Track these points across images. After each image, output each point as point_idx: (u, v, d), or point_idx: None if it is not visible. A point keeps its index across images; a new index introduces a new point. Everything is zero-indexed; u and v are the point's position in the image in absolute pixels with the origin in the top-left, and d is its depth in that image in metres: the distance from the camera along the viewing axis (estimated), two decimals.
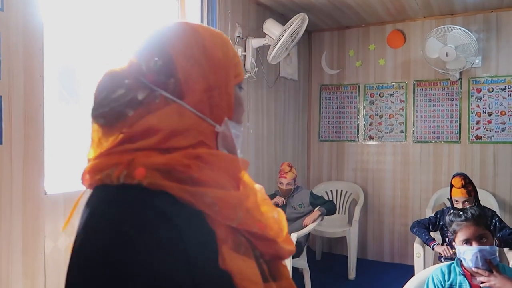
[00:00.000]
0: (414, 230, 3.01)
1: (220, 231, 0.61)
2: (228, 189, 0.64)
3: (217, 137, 0.70)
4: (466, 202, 2.79)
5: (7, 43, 1.87)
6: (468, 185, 2.83)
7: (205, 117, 0.68)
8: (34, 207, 2.00)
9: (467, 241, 1.85)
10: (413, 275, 2.19)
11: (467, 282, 1.77)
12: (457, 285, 1.78)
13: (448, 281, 1.81)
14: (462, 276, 1.80)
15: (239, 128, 0.75)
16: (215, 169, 0.64)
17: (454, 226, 1.92)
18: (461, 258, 1.84)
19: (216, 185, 0.63)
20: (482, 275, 1.74)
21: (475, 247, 1.81)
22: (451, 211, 2.05)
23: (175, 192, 0.60)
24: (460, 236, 1.88)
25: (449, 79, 4.24)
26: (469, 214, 1.88)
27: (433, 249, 2.86)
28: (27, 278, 1.97)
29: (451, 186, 2.90)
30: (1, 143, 1.85)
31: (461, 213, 1.92)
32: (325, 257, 4.65)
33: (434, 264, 3.14)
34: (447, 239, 2.94)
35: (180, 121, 0.65)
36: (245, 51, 3.57)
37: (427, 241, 2.89)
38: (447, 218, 2.01)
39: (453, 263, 1.87)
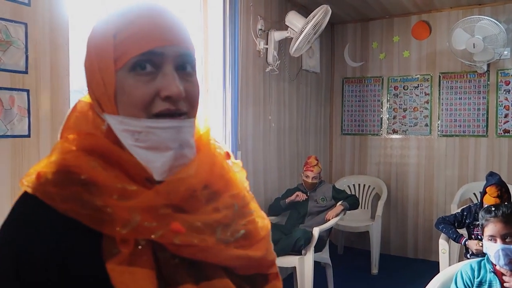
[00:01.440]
0: (441, 227, 2.94)
1: (107, 243, 0.58)
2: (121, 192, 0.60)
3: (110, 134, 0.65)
4: None
5: (34, 37, 1.90)
6: (504, 194, 2.73)
7: (99, 112, 0.66)
8: None
9: (492, 238, 1.86)
10: (438, 271, 2.15)
11: (498, 280, 1.73)
12: (487, 283, 1.75)
13: (477, 278, 1.77)
14: (492, 273, 1.76)
15: (129, 122, 0.63)
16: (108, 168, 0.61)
17: (483, 220, 1.91)
18: (486, 253, 1.83)
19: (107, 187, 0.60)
20: (505, 275, 1.72)
21: (498, 244, 1.81)
22: (486, 206, 2.04)
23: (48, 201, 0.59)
24: (487, 232, 1.89)
25: (476, 71, 4.13)
26: (500, 211, 1.86)
27: (465, 245, 2.79)
28: None
29: (485, 192, 2.81)
30: (29, 136, 1.89)
31: (492, 209, 1.90)
32: (347, 252, 4.62)
33: (459, 260, 3.08)
34: (473, 236, 2.88)
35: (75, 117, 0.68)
36: (267, 44, 3.55)
37: (457, 238, 2.82)
38: (480, 213, 2.00)
39: (484, 259, 1.84)
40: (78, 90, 2.16)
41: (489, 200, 2.72)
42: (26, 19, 1.87)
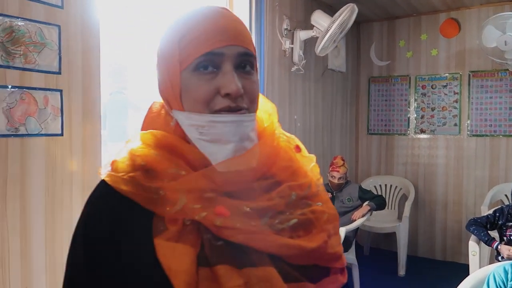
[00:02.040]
0: (472, 229, 2.88)
1: (157, 222, 0.64)
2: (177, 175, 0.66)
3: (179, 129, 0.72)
4: None
5: (66, 39, 1.96)
6: None
7: (169, 110, 0.73)
8: None
9: None
10: (468, 274, 2.10)
11: None
12: None
13: (511, 280, 1.72)
14: None
15: (194, 117, 0.68)
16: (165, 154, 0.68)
17: None
18: None
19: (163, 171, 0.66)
20: None
21: None
22: None
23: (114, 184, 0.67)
24: None
25: (507, 69, 4.02)
26: None
27: (496, 250, 2.73)
28: None
29: None
30: (62, 135, 1.95)
31: None
32: (373, 253, 4.57)
33: (490, 263, 3.00)
34: (505, 238, 2.81)
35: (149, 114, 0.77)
36: (292, 44, 3.54)
37: (488, 241, 2.76)
38: None
39: None
40: (117, 91, 2.21)
41: None
42: (60, 22, 1.93)
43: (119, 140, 2.53)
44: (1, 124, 1.72)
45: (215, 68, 0.68)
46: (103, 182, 0.69)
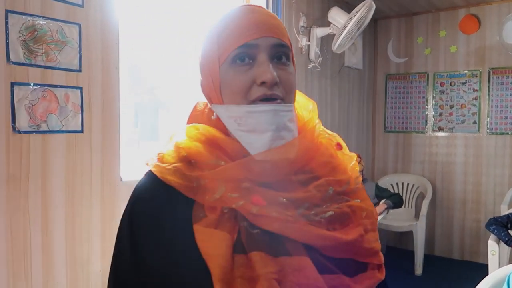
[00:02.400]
0: (492, 228, 2.83)
1: (197, 209, 0.67)
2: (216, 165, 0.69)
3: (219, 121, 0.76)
4: None
5: (86, 37, 1.99)
6: None
7: (210, 105, 0.78)
8: (111, 193, 2.12)
9: None
10: (486, 273, 2.07)
11: None
12: None
13: None
14: None
15: (232, 109, 0.71)
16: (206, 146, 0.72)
17: None
18: None
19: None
20: None
21: None
22: None
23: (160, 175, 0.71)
24: None
25: None
26: None
27: None
28: (105, 259, 2.10)
29: None
30: (82, 132, 1.98)
31: None
32: (390, 251, 4.53)
33: (510, 263, 2.95)
34: None
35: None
36: (309, 41, 3.53)
37: (509, 241, 2.72)
38: None
39: None
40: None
41: None
42: (80, 20, 1.96)
43: (150, 139, 2.56)
44: (24, 121, 1.76)
45: (251, 60, 0.70)
46: (150, 172, 0.73)
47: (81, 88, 1.97)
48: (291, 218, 0.66)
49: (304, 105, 0.82)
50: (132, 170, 2.34)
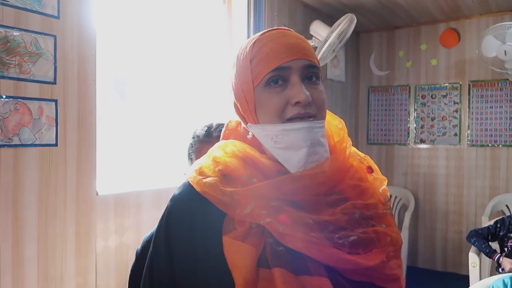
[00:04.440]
0: (473, 240, 2.85)
1: (227, 221, 0.72)
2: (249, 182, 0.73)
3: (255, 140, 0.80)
4: None
5: (62, 49, 1.95)
6: None
7: (245, 125, 0.82)
8: (87, 207, 2.07)
9: None
10: (468, 285, 2.07)
11: None
12: None
13: None
14: None
15: (268, 128, 0.75)
16: (241, 163, 0.76)
17: None
18: None
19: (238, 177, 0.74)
20: None
21: None
22: None
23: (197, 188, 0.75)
24: None
25: (508, 79, 4.00)
26: None
27: (498, 262, 2.70)
28: (79, 276, 2.04)
29: None
30: (56, 145, 1.93)
31: None
32: None
33: (490, 275, 2.97)
34: (506, 249, 2.77)
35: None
36: None
37: (489, 253, 2.73)
38: None
39: None
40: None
41: None
42: (56, 32, 1.93)
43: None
44: None
45: (284, 81, 0.74)
46: (187, 182, 0.78)
47: (56, 101, 1.93)
48: (315, 239, 0.69)
49: (333, 122, 0.86)
50: (109, 184, 2.30)
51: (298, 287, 0.66)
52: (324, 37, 3.34)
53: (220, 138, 0.86)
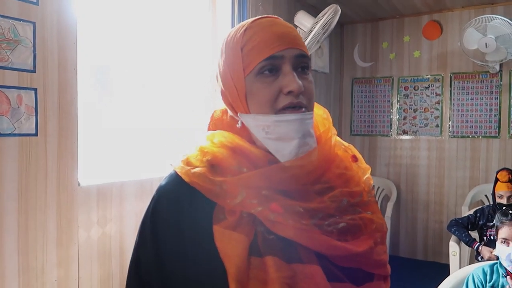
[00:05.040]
0: (453, 229, 2.90)
1: (217, 211, 0.71)
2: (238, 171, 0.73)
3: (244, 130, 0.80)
4: (511, 198, 2.72)
5: (42, 36, 1.91)
6: None
7: (234, 114, 0.80)
8: (68, 198, 2.03)
9: (505, 241, 1.86)
10: (449, 274, 2.11)
11: (510, 285, 1.70)
12: (499, 287, 1.71)
13: (489, 282, 1.73)
14: (505, 278, 1.73)
15: (260, 118, 0.75)
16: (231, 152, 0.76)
17: (498, 222, 1.90)
18: (498, 256, 1.81)
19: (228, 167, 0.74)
20: None
21: (510, 247, 1.80)
22: (504, 208, 2.04)
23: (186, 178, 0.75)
24: (501, 234, 1.90)
25: (488, 72, 4.07)
26: None
27: (477, 251, 2.76)
28: (61, 267, 2.01)
29: (496, 180, 2.81)
30: (36, 135, 1.89)
31: (510, 211, 1.90)
32: None
33: (470, 263, 3.03)
34: (485, 238, 2.83)
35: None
36: None
37: (469, 242, 2.79)
38: (497, 214, 1.99)
39: (497, 263, 1.80)
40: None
41: (501, 186, 2.74)
42: (35, 18, 1.88)
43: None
44: None
45: (276, 70, 0.74)
46: (173, 173, 0.77)
47: (35, 89, 1.88)
48: (305, 226, 0.70)
49: (318, 112, 0.85)
50: (92, 174, 2.27)
51: (290, 275, 0.67)
52: (309, 28, 3.33)
53: (206, 129, 0.85)
